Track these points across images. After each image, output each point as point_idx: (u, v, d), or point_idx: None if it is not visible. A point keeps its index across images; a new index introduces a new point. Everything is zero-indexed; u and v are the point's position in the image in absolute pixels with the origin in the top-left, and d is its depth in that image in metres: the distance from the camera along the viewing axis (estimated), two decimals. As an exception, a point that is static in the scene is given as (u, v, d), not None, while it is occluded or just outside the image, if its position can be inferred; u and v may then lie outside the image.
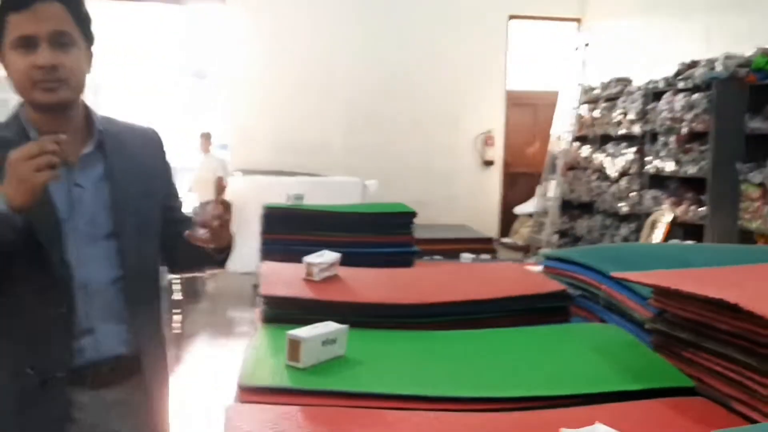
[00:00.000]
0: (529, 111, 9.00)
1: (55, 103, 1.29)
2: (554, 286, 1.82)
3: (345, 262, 2.50)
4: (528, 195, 8.44)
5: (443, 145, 8.25)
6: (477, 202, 8.51)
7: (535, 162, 8.71)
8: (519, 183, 8.93)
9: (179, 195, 1.56)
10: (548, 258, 2.21)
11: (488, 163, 8.51)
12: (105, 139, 1.38)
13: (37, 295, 1.28)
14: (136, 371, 1.38)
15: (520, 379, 1.33)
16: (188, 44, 12.71)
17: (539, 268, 2.29)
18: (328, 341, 1.37)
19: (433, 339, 1.57)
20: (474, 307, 1.72)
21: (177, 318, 3.85)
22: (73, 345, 1.30)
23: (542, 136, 8.41)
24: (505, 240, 8.47)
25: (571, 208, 7.36)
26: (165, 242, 1.49)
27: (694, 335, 1.38)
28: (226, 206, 1.40)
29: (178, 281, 3.89)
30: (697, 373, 1.36)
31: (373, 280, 1.90)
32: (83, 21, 1.34)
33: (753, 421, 1.11)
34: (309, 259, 1.87)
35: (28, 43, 1.26)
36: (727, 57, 4.89)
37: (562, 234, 7.56)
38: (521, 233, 8.52)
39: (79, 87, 1.33)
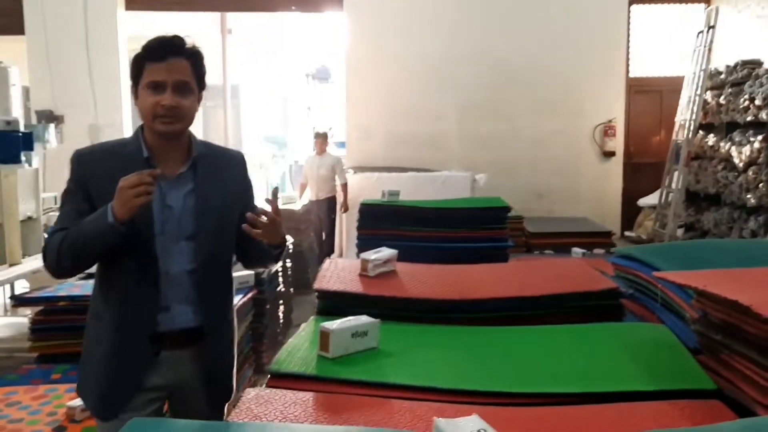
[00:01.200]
0: (653, 98, 8.53)
1: (170, 133, 1.64)
2: (605, 284, 1.81)
3: (440, 257, 2.56)
4: (654, 186, 8.02)
5: (562, 137, 8.03)
6: (598, 194, 8.21)
7: (660, 151, 8.25)
8: (644, 173, 8.50)
9: (256, 205, 1.80)
10: (616, 255, 2.18)
11: (608, 154, 8.18)
12: (198, 161, 1.71)
13: (134, 277, 1.64)
14: (200, 340, 1.70)
15: (539, 375, 1.36)
16: (311, 49, 13.26)
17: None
18: (358, 334, 1.47)
19: (471, 335, 1.62)
20: (518, 303, 1.75)
21: (281, 308, 4.09)
22: (155, 316, 1.64)
23: (668, 123, 7.96)
24: (629, 233, 8.12)
25: (697, 200, 6.92)
26: (239, 243, 1.77)
27: (726, 337, 1.35)
28: (276, 210, 1.66)
29: (281, 273, 4.12)
30: (732, 377, 1.33)
31: (428, 277, 1.96)
32: (200, 74, 1.70)
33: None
34: (365, 255, 1.97)
35: (157, 87, 1.61)
36: None
37: (689, 227, 7.14)
38: (645, 226, 8.13)
39: (189, 122, 1.68)
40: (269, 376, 1.35)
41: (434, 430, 0.74)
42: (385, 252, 2.01)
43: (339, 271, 1.95)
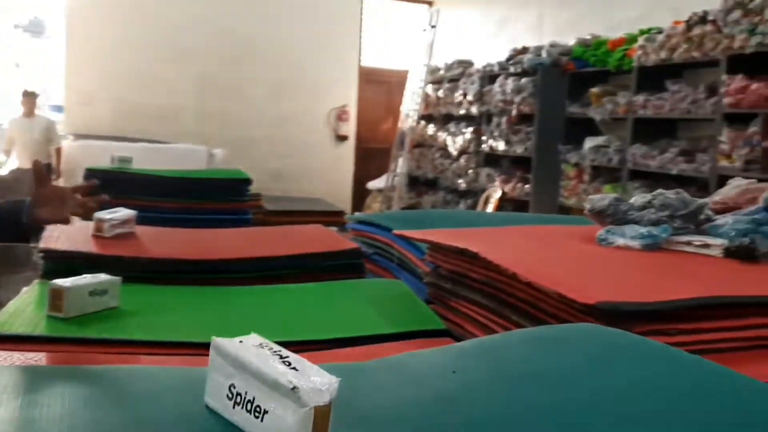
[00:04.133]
0: (383, 88, 9.17)
1: None
2: (347, 245, 1.90)
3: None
4: (382, 170, 8.64)
5: (298, 118, 8.24)
6: (332, 176, 8.60)
7: (388, 138, 8.91)
8: (374, 158, 9.11)
9: None
10: (355, 221, 2.30)
11: (342, 138, 8.60)
12: None
13: None
14: None
15: (288, 326, 1.38)
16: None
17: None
18: (97, 292, 1.35)
19: (216, 294, 1.58)
20: (264, 263, 1.75)
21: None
22: None
23: (395, 113, 8.62)
24: (359, 214, 8.64)
25: (418, 184, 7.63)
26: None
27: (455, 285, 1.51)
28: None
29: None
30: (460, 321, 1.50)
31: (170, 238, 1.88)
32: None
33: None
34: (99, 215, 1.82)
35: None
36: (552, 45, 5.25)
37: (410, 209, 7.83)
38: (373, 208, 8.72)
39: None
40: (-13, 339, 1.18)
41: (211, 349, 0.72)
42: (123, 212, 1.88)
43: (69, 232, 1.78)
